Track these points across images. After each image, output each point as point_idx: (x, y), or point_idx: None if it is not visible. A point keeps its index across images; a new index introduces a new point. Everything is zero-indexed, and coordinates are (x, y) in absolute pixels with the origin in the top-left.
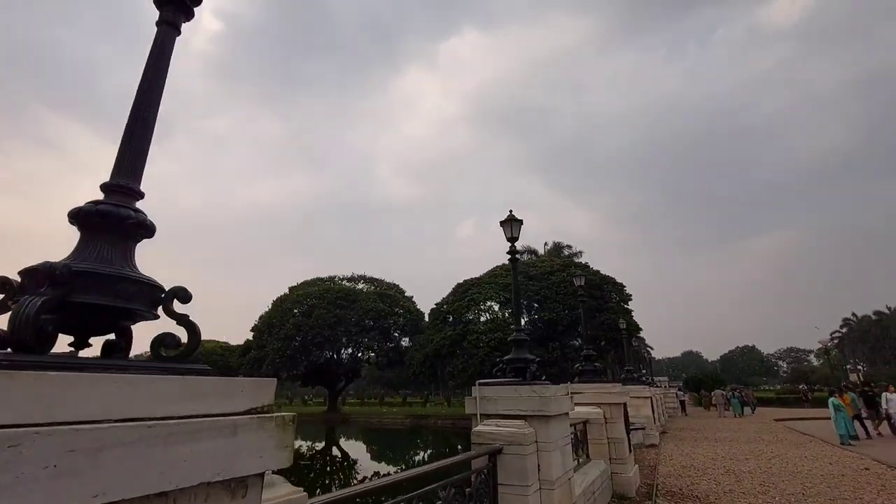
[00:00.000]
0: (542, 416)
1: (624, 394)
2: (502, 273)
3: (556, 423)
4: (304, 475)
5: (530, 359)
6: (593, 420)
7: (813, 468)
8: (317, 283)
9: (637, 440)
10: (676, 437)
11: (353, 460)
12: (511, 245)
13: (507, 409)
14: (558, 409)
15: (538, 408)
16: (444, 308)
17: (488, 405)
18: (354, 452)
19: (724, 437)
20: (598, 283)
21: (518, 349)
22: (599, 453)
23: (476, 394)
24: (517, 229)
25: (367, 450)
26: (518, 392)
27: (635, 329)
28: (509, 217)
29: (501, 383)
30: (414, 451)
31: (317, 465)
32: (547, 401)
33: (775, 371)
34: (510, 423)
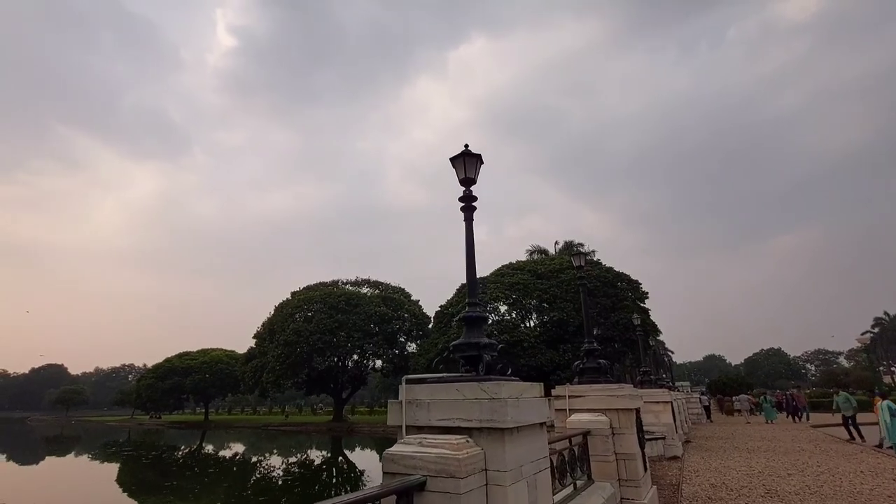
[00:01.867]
0: (495, 430)
1: (636, 397)
2: (509, 272)
3: (520, 441)
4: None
5: (486, 343)
6: (596, 431)
7: (875, 486)
8: (319, 288)
9: (656, 451)
10: (702, 448)
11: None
12: (466, 190)
13: (443, 417)
14: (522, 419)
15: (488, 416)
16: (448, 310)
17: (419, 412)
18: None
19: (758, 447)
20: (612, 281)
21: (470, 330)
22: (605, 473)
23: (402, 395)
24: (473, 168)
25: (341, 462)
26: (461, 392)
27: (653, 329)
28: (463, 153)
29: (442, 379)
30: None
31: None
32: (501, 405)
33: (803, 374)
34: (443, 441)
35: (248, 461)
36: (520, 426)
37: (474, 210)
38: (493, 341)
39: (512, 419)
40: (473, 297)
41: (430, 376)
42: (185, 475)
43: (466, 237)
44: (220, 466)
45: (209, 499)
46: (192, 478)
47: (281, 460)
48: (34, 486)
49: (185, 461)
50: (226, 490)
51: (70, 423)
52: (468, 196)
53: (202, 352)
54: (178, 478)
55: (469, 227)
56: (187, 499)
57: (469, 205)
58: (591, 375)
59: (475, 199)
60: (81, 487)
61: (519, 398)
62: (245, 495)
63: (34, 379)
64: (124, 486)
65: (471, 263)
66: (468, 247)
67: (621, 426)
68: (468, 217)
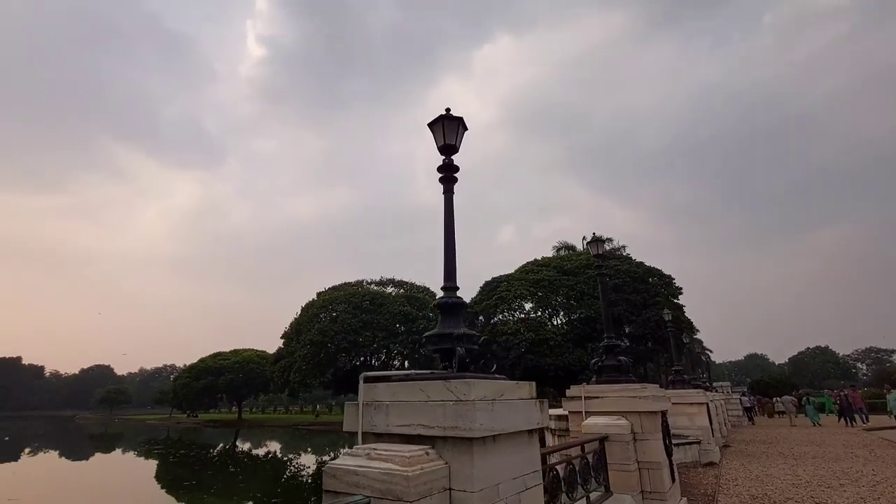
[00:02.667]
0: (462, 440)
1: (661, 399)
2: (534, 269)
3: (496, 453)
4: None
5: (460, 334)
6: (615, 436)
7: None
8: (344, 288)
9: (691, 457)
10: (742, 453)
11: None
12: (445, 159)
13: (403, 423)
14: (499, 426)
15: (452, 423)
16: (472, 308)
17: (377, 416)
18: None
19: (805, 453)
20: (642, 276)
21: (446, 319)
22: (626, 484)
23: (360, 397)
24: (453, 135)
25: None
26: (425, 392)
27: (688, 326)
28: (442, 116)
29: (407, 377)
30: None
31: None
32: (468, 409)
33: (853, 374)
34: (394, 454)
35: (279, 459)
36: (497, 434)
37: (455, 182)
38: (472, 332)
39: (482, 426)
40: (450, 282)
41: (392, 373)
42: (223, 472)
43: (445, 212)
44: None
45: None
46: (229, 475)
47: (314, 458)
48: (85, 482)
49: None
50: (259, 486)
51: (114, 421)
52: (448, 165)
53: (234, 352)
54: (215, 473)
55: (449, 201)
56: (222, 495)
57: (449, 175)
58: (610, 374)
59: (456, 169)
60: (126, 483)
61: (495, 401)
62: (275, 492)
63: (83, 379)
64: (163, 483)
65: (450, 242)
66: (447, 223)
67: (644, 431)
68: (448, 189)
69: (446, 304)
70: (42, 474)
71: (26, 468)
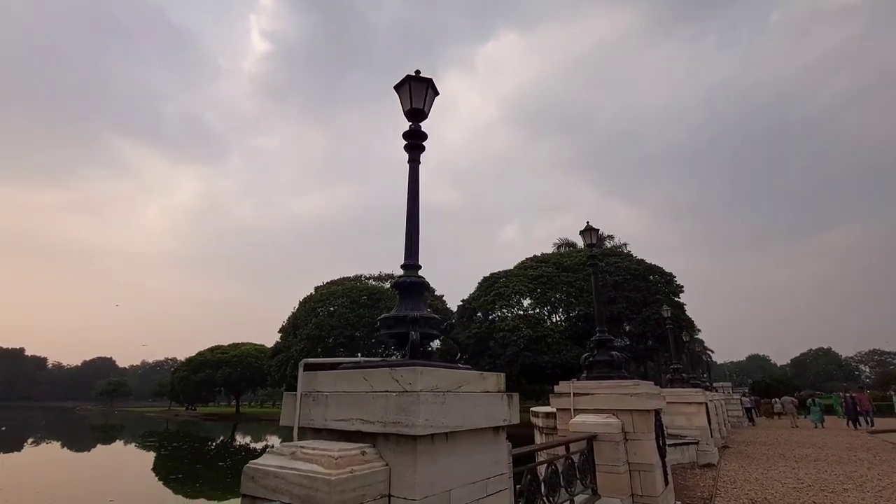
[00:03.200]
0: (405, 438)
1: (655, 397)
2: (533, 265)
3: (448, 454)
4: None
5: (415, 317)
6: (604, 436)
7: None
8: (342, 283)
9: (688, 458)
10: (742, 454)
11: None
12: (412, 125)
13: (342, 417)
14: (450, 422)
15: (394, 417)
16: (470, 304)
17: (315, 409)
18: None
19: (806, 455)
20: (643, 274)
21: (404, 300)
22: (614, 487)
23: (299, 386)
24: (421, 98)
25: None
26: (369, 382)
27: (688, 325)
28: (408, 77)
29: (356, 365)
30: None
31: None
32: (412, 402)
33: (856, 376)
34: (321, 453)
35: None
36: (450, 432)
37: (422, 151)
38: (433, 315)
39: (426, 422)
40: (411, 259)
41: (339, 360)
42: (213, 465)
43: (410, 182)
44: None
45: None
46: (219, 469)
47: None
48: (88, 474)
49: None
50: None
51: (113, 412)
52: (414, 132)
53: (233, 346)
54: (206, 466)
55: (414, 171)
56: (208, 488)
57: (415, 143)
58: (601, 370)
59: (424, 136)
60: (126, 475)
61: (449, 393)
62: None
63: (85, 371)
64: (160, 475)
65: (413, 216)
66: (411, 194)
67: (636, 430)
68: (414, 158)
69: (405, 284)
70: (30, 464)
71: (17, 459)
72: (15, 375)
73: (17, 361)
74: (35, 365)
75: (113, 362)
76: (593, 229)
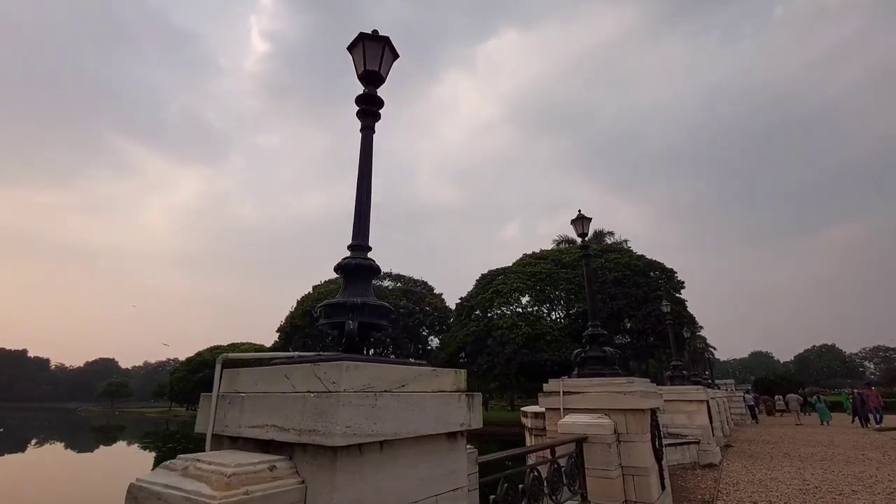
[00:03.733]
0: (323, 449)
1: (651, 395)
2: (531, 262)
3: (384, 466)
4: None
5: (355, 304)
6: (595, 437)
7: None
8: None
9: (689, 458)
10: (745, 454)
11: None
12: (366, 89)
13: (256, 423)
14: (386, 428)
15: (311, 424)
16: (469, 302)
17: (230, 413)
18: None
19: (812, 454)
20: (643, 270)
21: (350, 285)
22: (606, 493)
23: (215, 387)
24: (376, 60)
25: None
26: (291, 380)
27: (689, 321)
28: (362, 35)
29: (291, 361)
30: None
31: None
32: (330, 405)
33: (860, 372)
34: (215, 469)
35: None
36: (386, 441)
37: (377, 119)
38: (380, 303)
39: (348, 429)
40: (360, 240)
41: (266, 355)
42: None
43: (361, 154)
44: None
45: None
46: None
47: None
48: (61, 473)
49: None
50: None
51: (114, 413)
52: (367, 97)
53: (232, 346)
54: None
55: (367, 140)
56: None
57: (368, 109)
58: (594, 366)
59: (379, 102)
60: (126, 475)
61: (381, 394)
62: None
63: (88, 372)
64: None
65: (364, 192)
66: (362, 167)
67: (630, 431)
68: (366, 125)
69: (349, 267)
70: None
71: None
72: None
73: (19, 363)
74: (38, 366)
75: (115, 363)
76: (585, 218)
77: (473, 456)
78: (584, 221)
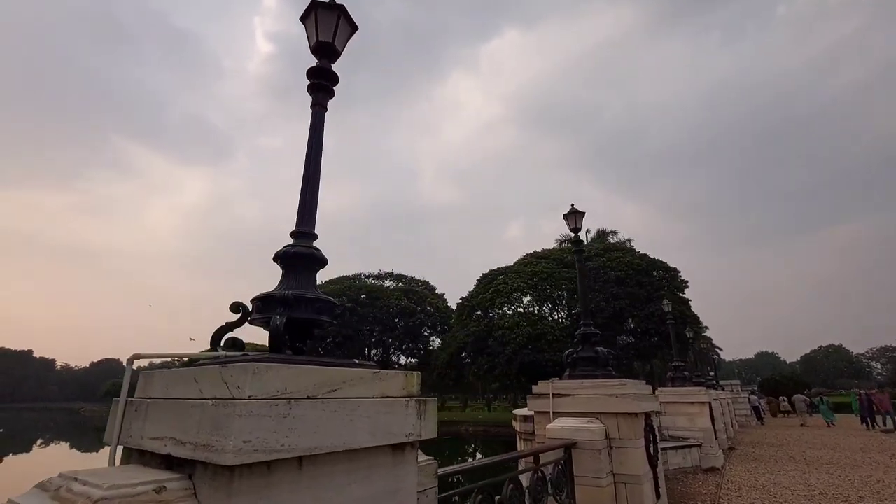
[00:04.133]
0: (220, 469)
1: (647, 398)
2: (533, 261)
3: (299, 488)
4: None
5: (290, 297)
6: (585, 443)
7: None
8: (341, 281)
9: (690, 461)
10: (749, 457)
11: None
12: (319, 61)
13: (157, 434)
14: (301, 442)
15: (207, 437)
16: (470, 302)
17: (135, 422)
18: None
19: (818, 458)
20: (646, 269)
21: (289, 276)
22: (597, 502)
23: (124, 391)
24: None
25: None
26: (199, 384)
27: (693, 321)
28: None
29: (214, 362)
30: None
31: None
32: (226, 415)
33: (867, 373)
34: (91, 490)
35: None
36: (305, 456)
37: (330, 95)
38: (322, 297)
39: (246, 445)
40: (304, 226)
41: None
42: None
43: (311, 133)
44: None
45: None
46: None
47: None
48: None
49: None
50: None
51: None
52: (319, 70)
53: None
54: None
55: (317, 120)
56: None
57: (320, 84)
58: (585, 367)
59: (332, 77)
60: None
61: (299, 401)
62: None
63: (93, 372)
64: None
65: (313, 173)
66: (311, 148)
67: (622, 437)
68: (318, 102)
69: (287, 256)
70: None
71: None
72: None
73: (25, 363)
74: (43, 367)
75: (120, 363)
76: (578, 212)
77: (432, 468)
78: (576, 216)
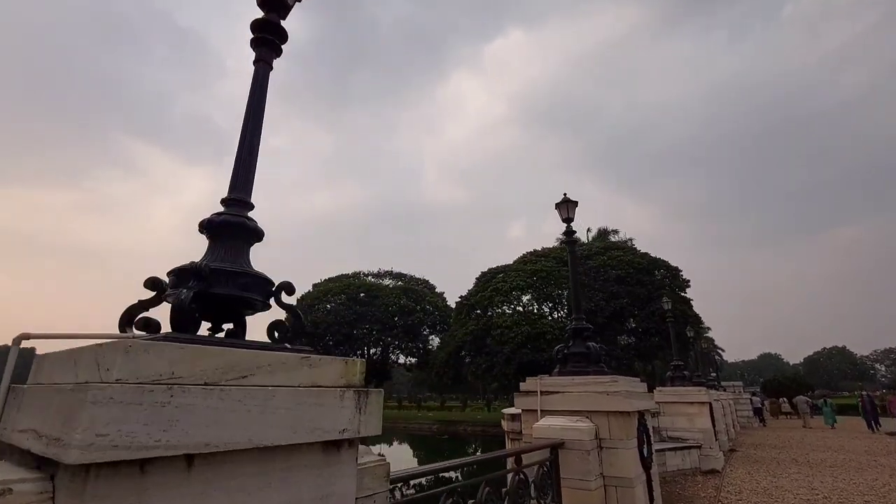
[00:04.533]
0: (78, 469)
1: (640, 395)
2: (533, 259)
3: (193, 493)
4: None
5: (201, 267)
6: (572, 443)
7: None
8: (340, 280)
9: (689, 463)
10: (750, 459)
11: None
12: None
13: (23, 426)
14: (179, 439)
15: (59, 430)
16: (469, 300)
17: (12, 410)
18: None
19: (822, 460)
20: (647, 268)
21: (216, 247)
22: None
23: (6, 376)
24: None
25: None
26: (77, 368)
27: (694, 320)
28: None
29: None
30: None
31: None
32: (79, 402)
33: (871, 375)
34: None
35: None
36: (206, 454)
37: (277, 53)
38: (244, 269)
39: (95, 439)
40: (238, 193)
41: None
42: None
43: (252, 90)
44: None
45: None
46: None
47: None
48: None
49: None
50: None
51: None
52: (264, 24)
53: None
54: None
55: (261, 77)
56: None
57: (265, 38)
58: (576, 364)
59: (279, 32)
60: None
61: (185, 388)
62: None
63: None
64: None
65: (251, 133)
66: (252, 106)
67: (613, 436)
68: (262, 58)
69: (213, 225)
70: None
71: None
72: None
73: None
74: None
75: None
76: (571, 202)
77: (382, 470)
78: (568, 205)
